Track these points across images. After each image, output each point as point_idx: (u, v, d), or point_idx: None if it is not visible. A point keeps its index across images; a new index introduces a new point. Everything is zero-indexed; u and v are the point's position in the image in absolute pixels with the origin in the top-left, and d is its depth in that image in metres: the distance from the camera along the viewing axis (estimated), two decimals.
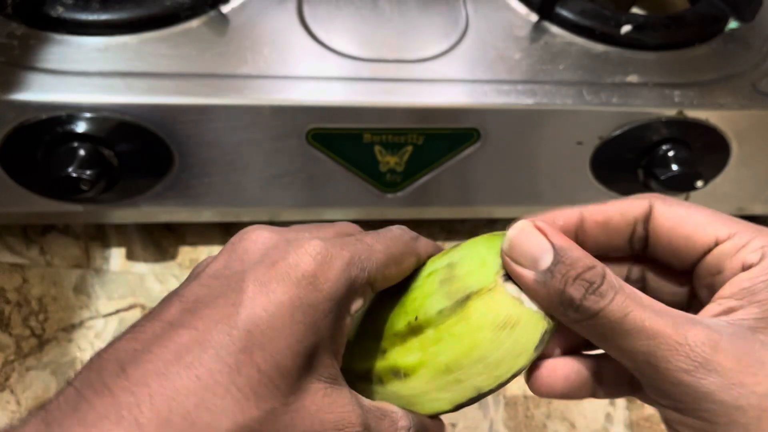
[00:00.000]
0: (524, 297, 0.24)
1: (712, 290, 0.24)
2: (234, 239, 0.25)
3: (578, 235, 0.27)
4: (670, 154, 0.46)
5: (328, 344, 0.22)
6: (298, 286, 0.21)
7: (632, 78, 0.47)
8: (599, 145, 0.47)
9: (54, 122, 0.41)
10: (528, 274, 0.24)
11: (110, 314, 0.48)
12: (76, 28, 0.44)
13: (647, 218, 0.26)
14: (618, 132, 0.46)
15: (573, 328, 0.24)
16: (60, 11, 0.44)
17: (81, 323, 0.47)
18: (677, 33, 0.50)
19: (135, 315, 0.48)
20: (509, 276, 0.25)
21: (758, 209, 0.55)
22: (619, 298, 0.22)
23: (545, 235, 0.24)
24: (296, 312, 0.21)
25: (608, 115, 0.46)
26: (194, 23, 0.46)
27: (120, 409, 0.18)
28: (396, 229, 0.27)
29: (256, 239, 0.24)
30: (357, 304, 0.24)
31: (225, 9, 0.47)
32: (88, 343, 0.46)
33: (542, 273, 0.23)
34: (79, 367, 0.46)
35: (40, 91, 0.41)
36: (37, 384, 0.44)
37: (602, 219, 0.27)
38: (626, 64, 0.48)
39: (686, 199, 0.51)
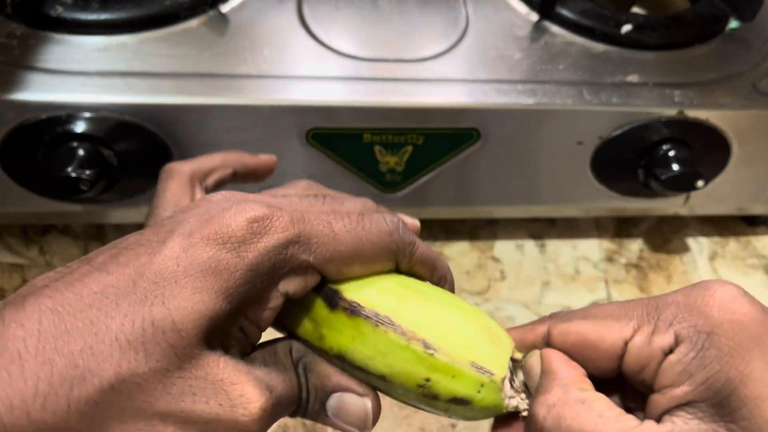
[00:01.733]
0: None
1: (646, 385, 0.23)
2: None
3: None
4: (671, 154, 0.46)
5: (246, 313, 0.21)
6: (220, 248, 0.20)
7: (632, 78, 0.47)
8: (599, 145, 0.47)
9: (53, 122, 0.41)
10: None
11: None
12: (76, 28, 0.44)
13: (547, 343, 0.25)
14: (618, 132, 0.46)
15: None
16: (59, 11, 0.44)
17: None
18: (677, 33, 0.50)
19: None
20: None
21: (758, 209, 0.55)
22: None
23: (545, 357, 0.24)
24: (209, 275, 0.20)
25: (608, 115, 0.46)
26: (194, 23, 0.46)
27: (5, 340, 0.18)
28: (389, 223, 0.24)
29: (217, 193, 0.23)
30: (292, 284, 0.22)
31: (225, 8, 0.47)
32: None
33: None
34: None
35: (40, 90, 0.41)
36: None
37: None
38: (626, 63, 0.48)
39: (686, 200, 0.51)
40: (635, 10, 0.59)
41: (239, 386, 0.20)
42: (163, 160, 0.44)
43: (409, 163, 0.47)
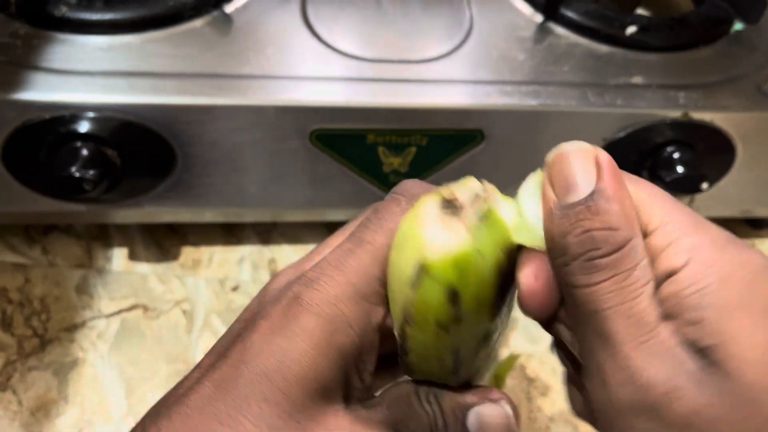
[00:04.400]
0: (435, 221, 0.21)
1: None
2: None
3: None
4: (675, 156, 0.46)
5: (350, 366, 0.22)
6: (306, 330, 0.21)
7: (637, 79, 0.47)
8: (604, 147, 0.46)
9: (57, 122, 0.41)
10: (551, 198, 0.21)
11: (112, 314, 0.48)
12: (80, 28, 0.44)
13: None
14: (622, 134, 0.46)
15: (558, 279, 0.21)
16: (63, 11, 0.44)
17: (83, 323, 0.47)
18: (682, 34, 0.50)
19: (137, 315, 0.48)
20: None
21: (763, 212, 0.55)
22: (608, 285, 0.19)
23: (599, 168, 0.20)
24: (306, 355, 0.21)
25: (612, 117, 0.46)
26: (198, 23, 0.46)
27: None
28: (394, 206, 0.24)
29: (276, 279, 0.25)
30: (377, 316, 0.23)
31: (228, 9, 0.47)
32: (90, 344, 0.46)
33: (562, 206, 0.20)
34: (79, 367, 0.46)
35: (44, 90, 0.41)
36: (39, 384, 0.44)
37: None
38: (631, 65, 0.48)
39: (690, 202, 0.51)
40: (640, 11, 0.59)
41: None
42: (167, 160, 0.44)
43: (412, 165, 0.47)
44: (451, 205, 0.21)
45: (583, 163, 0.20)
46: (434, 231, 0.21)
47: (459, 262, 0.20)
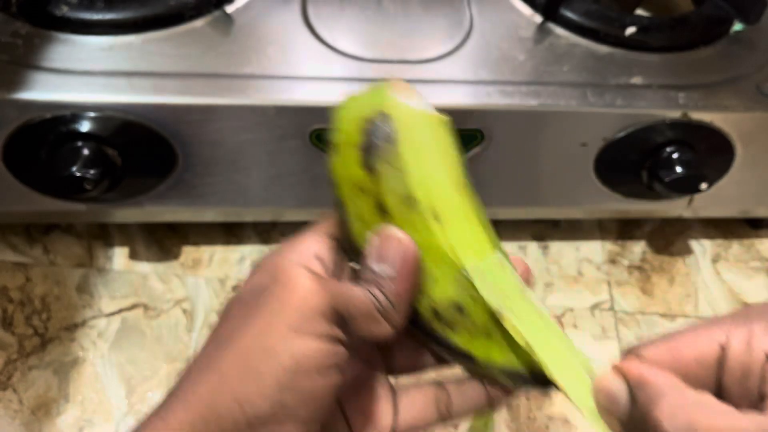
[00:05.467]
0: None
1: (751, 396, 0.22)
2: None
3: None
4: (675, 156, 0.46)
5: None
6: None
7: (637, 80, 0.47)
8: (603, 147, 0.47)
9: (58, 121, 0.41)
10: (612, 423, 0.23)
11: (113, 313, 0.48)
12: (81, 28, 0.44)
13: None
14: (622, 134, 0.46)
15: None
16: (64, 10, 0.44)
17: (84, 322, 0.47)
18: (682, 35, 0.50)
19: (137, 314, 0.48)
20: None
21: (762, 212, 0.55)
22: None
23: (625, 374, 0.23)
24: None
25: (612, 117, 0.46)
26: (198, 23, 0.46)
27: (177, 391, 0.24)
28: None
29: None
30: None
31: (229, 9, 0.47)
32: (90, 343, 0.46)
33: (620, 421, 0.23)
34: (80, 366, 0.46)
35: (44, 90, 0.41)
36: (39, 383, 0.44)
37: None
38: (631, 65, 0.48)
39: (690, 202, 0.51)
40: (640, 11, 0.59)
41: None
42: (167, 160, 0.44)
43: None
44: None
45: (613, 382, 0.23)
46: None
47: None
